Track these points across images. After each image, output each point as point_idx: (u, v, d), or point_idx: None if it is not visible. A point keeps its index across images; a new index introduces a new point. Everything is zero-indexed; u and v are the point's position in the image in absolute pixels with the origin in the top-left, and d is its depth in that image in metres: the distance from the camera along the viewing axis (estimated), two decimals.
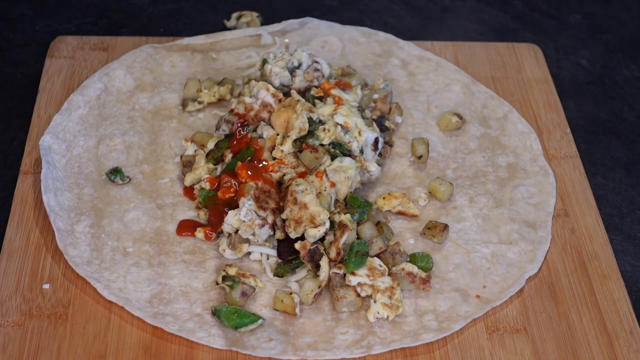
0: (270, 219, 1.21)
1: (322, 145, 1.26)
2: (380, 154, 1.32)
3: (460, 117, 1.39)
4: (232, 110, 1.32)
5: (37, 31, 1.57)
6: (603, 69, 1.59)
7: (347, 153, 1.27)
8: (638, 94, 1.55)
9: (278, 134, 1.29)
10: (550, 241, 1.25)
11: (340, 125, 1.27)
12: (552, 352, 1.14)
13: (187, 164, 1.31)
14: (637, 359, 1.14)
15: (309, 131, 1.26)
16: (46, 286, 1.17)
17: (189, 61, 1.46)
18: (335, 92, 1.32)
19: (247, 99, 1.31)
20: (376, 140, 1.29)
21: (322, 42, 1.51)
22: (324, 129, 1.26)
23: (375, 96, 1.39)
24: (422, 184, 1.32)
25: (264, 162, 1.25)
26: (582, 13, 1.70)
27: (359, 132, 1.28)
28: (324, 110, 1.28)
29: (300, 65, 1.35)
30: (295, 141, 1.26)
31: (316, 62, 1.36)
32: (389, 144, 1.36)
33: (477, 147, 1.38)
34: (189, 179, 1.29)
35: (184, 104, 1.40)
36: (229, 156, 1.28)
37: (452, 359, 1.13)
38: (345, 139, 1.27)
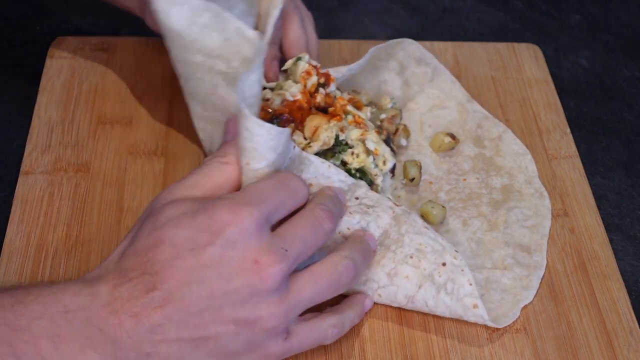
0: None
1: (348, 169, 1.23)
2: None
3: (453, 137, 1.36)
4: (267, 99, 1.25)
5: (38, 32, 1.57)
6: (603, 69, 1.59)
7: (369, 182, 1.24)
8: (638, 94, 1.55)
9: (305, 138, 1.24)
10: (545, 266, 1.23)
11: (371, 151, 1.23)
12: (552, 352, 1.15)
13: None
14: (637, 359, 1.14)
15: (331, 147, 1.23)
16: None
17: None
18: (350, 109, 1.28)
19: (288, 94, 1.25)
20: (394, 167, 1.27)
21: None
22: (353, 153, 1.23)
23: (383, 116, 1.34)
24: (414, 208, 1.29)
25: None
26: (582, 13, 1.70)
27: (384, 162, 1.25)
28: (352, 134, 1.25)
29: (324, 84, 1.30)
30: (316, 154, 1.22)
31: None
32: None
33: (471, 169, 1.35)
34: None
35: None
36: None
37: (452, 359, 1.13)
38: (373, 170, 1.23)
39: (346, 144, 1.24)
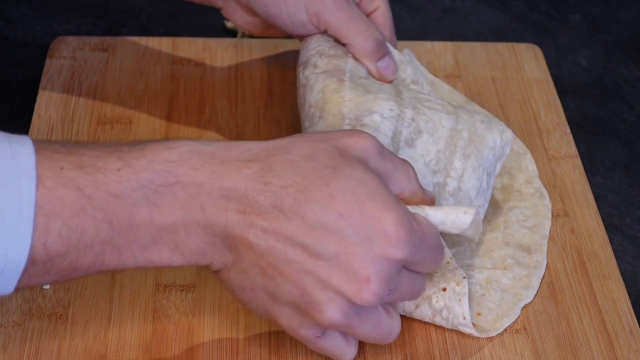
0: None
1: None
2: None
3: None
4: None
5: (38, 32, 1.57)
6: (603, 69, 1.59)
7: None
8: (638, 94, 1.55)
9: None
10: (545, 266, 1.23)
11: None
12: (552, 352, 1.15)
13: None
14: (637, 359, 1.14)
15: None
16: (46, 286, 1.17)
17: None
18: None
19: None
20: None
21: None
22: None
23: None
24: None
25: None
26: (582, 13, 1.70)
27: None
28: None
29: None
30: None
31: None
32: None
33: None
34: None
35: None
36: None
37: (452, 359, 1.13)
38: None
39: None
